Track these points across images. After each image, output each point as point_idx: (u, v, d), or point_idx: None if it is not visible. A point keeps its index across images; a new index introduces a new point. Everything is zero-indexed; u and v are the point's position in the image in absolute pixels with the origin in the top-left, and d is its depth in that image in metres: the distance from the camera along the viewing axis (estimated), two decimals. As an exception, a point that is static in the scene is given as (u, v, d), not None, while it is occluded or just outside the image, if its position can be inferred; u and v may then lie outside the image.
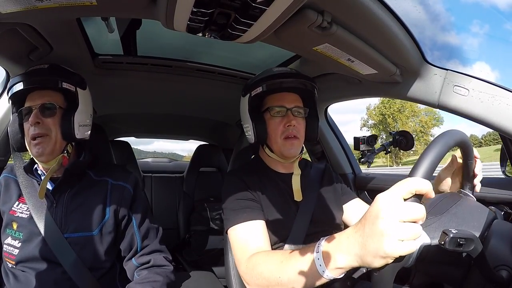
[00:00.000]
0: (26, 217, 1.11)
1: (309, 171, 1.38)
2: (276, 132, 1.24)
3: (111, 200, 1.20)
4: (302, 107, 1.27)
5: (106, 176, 1.25)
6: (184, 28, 0.84)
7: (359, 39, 0.93)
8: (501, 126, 0.97)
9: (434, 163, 0.59)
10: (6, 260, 1.11)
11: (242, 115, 1.30)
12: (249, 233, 1.08)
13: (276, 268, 0.83)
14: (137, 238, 1.23)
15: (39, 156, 1.13)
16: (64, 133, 1.15)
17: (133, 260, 1.22)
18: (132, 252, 1.22)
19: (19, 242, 1.09)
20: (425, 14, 16.29)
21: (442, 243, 0.61)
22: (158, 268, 1.21)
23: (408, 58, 1.03)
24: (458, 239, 0.61)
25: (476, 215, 0.75)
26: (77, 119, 1.16)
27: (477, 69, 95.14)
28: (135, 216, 1.24)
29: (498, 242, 0.69)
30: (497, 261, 0.67)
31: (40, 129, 1.11)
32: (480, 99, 1.00)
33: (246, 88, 1.28)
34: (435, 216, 0.74)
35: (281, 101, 1.25)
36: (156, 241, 1.27)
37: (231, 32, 0.86)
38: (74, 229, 1.12)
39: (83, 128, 1.20)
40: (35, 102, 1.14)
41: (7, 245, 1.10)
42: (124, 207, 1.22)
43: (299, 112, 1.26)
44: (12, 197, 1.15)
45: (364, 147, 1.67)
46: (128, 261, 1.23)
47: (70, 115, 1.16)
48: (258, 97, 1.25)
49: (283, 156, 1.26)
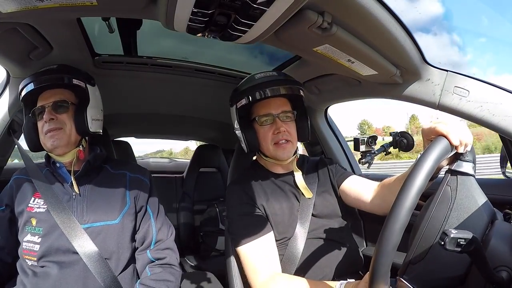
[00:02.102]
0: (44, 211, 1.11)
1: (307, 167, 1.39)
2: (266, 140, 1.25)
3: (131, 190, 1.23)
4: (289, 111, 1.27)
5: (123, 169, 1.28)
6: (184, 28, 0.84)
7: (359, 40, 0.93)
8: (501, 127, 0.97)
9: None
10: (25, 258, 1.10)
11: (233, 124, 1.30)
12: (258, 252, 1.13)
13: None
14: (153, 230, 1.23)
15: (54, 148, 1.14)
16: (78, 127, 1.18)
17: (148, 253, 1.22)
18: (146, 243, 1.23)
19: (39, 237, 1.09)
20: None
21: (442, 243, 0.61)
22: (171, 268, 1.21)
23: (408, 59, 1.03)
24: (458, 239, 0.61)
25: (476, 215, 0.75)
26: (89, 114, 1.20)
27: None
28: (152, 209, 1.26)
29: (498, 243, 0.69)
30: (497, 262, 0.67)
31: (55, 124, 1.14)
32: (480, 100, 1.00)
33: (232, 98, 1.28)
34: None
35: (267, 109, 1.25)
36: (170, 238, 1.27)
37: (231, 33, 0.86)
38: (95, 219, 1.13)
39: (95, 122, 1.23)
40: (47, 100, 1.17)
41: (27, 242, 1.10)
42: (142, 198, 1.24)
43: (287, 117, 1.26)
44: (27, 195, 1.15)
45: (364, 148, 1.67)
46: (142, 252, 1.23)
47: (82, 110, 1.18)
48: (244, 107, 1.25)
49: (278, 160, 1.27)
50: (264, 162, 1.34)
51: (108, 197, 1.18)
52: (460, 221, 0.73)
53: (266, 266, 1.11)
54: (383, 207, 1.12)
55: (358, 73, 1.14)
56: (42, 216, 1.11)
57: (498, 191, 1.23)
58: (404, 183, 0.62)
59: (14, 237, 1.13)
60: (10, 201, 1.15)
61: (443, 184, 0.80)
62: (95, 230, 1.12)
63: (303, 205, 1.25)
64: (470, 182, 0.78)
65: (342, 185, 1.31)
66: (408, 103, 1.19)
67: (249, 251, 1.14)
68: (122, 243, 1.16)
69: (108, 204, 1.17)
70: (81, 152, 1.20)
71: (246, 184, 1.27)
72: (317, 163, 1.41)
